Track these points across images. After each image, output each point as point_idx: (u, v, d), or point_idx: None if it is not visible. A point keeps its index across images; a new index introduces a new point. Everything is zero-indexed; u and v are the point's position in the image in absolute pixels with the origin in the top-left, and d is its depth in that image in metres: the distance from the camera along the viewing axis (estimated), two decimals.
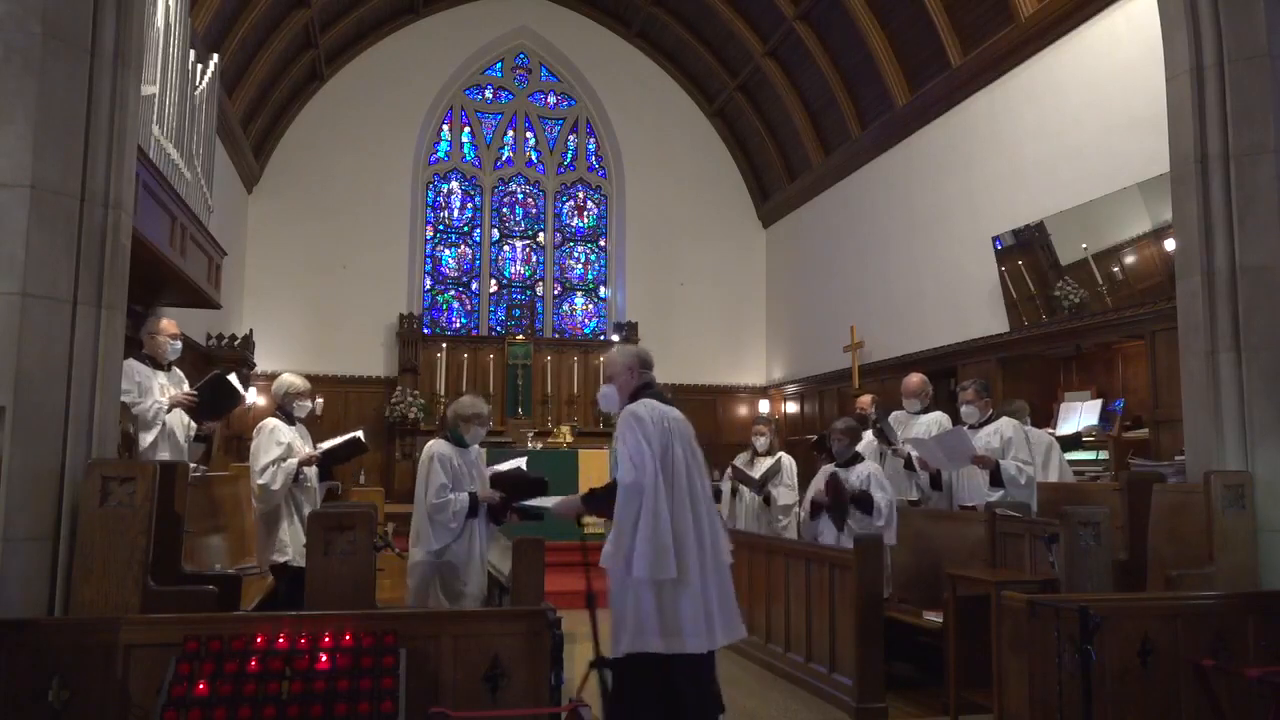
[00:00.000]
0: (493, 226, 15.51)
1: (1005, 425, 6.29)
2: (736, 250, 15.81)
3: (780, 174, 14.95)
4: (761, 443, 7.90)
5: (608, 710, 3.66)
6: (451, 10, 15.03)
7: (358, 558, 3.88)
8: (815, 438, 8.30)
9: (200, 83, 7.70)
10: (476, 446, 5.34)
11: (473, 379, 14.09)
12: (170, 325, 5.67)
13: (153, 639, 3.01)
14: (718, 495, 12.18)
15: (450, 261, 15.34)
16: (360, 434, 5.90)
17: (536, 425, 13.76)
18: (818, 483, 6.43)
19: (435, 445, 5.17)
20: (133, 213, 3.96)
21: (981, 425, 6.40)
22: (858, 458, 6.32)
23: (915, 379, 7.38)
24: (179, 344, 5.71)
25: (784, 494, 7.76)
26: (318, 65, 13.95)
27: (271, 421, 5.72)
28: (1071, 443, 8.03)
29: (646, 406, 3.79)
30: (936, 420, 7.13)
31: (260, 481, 5.51)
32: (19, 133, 3.41)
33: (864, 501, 5.95)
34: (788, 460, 7.95)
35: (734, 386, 15.63)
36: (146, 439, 5.22)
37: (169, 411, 5.36)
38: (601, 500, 3.82)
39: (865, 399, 8.17)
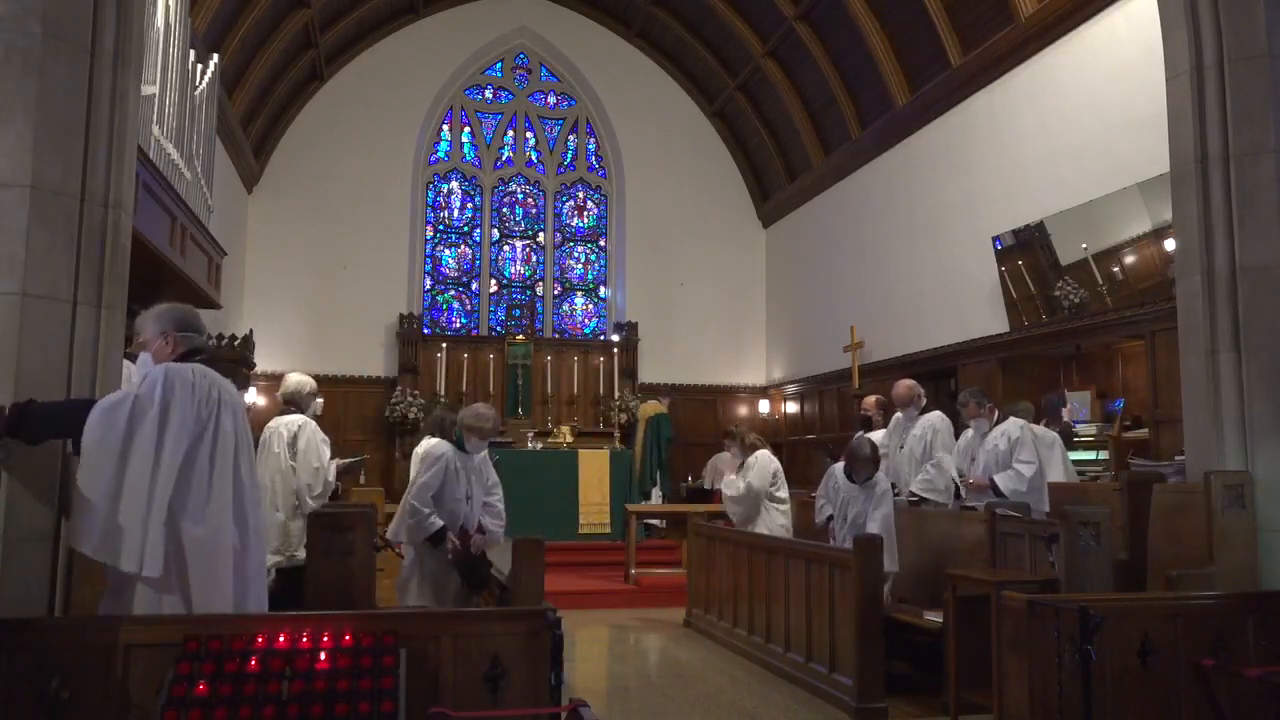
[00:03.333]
0: (493, 226, 15.51)
1: (1012, 427, 6.27)
2: (736, 250, 15.81)
3: (780, 174, 14.95)
4: (734, 453, 7.68)
5: None
6: (451, 10, 15.03)
7: (358, 558, 3.88)
8: (829, 446, 8.17)
9: (200, 83, 7.70)
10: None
11: (473, 379, 14.10)
12: None
13: (153, 639, 3.01)
14: (703, 495, 12.21)
15: (450, 261, 15.34)
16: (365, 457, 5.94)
17: (536, 425, 13.75)
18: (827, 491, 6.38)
19: (440, 446, 5.14)
20: (133, 213, 3.96)
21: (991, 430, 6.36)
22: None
23: (902, 387, 7.34)
24: None
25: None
26: (318, 65, 13.95)
27: (310, 421, 5.76)
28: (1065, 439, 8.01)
29: (197, 373, 3.18)
30: (932, 424, 7.08)
31: (330, 478, 5.60)
32: (19, 133, 3.41)
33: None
34: (764, 457, 7.85)
35: (734, 386, 15.63)
36: None
37: None
38: (40, 422, 3.06)
39: (870, 400, 8.16)
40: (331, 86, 14.46)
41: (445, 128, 15.43)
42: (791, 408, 14.80)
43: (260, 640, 2.92)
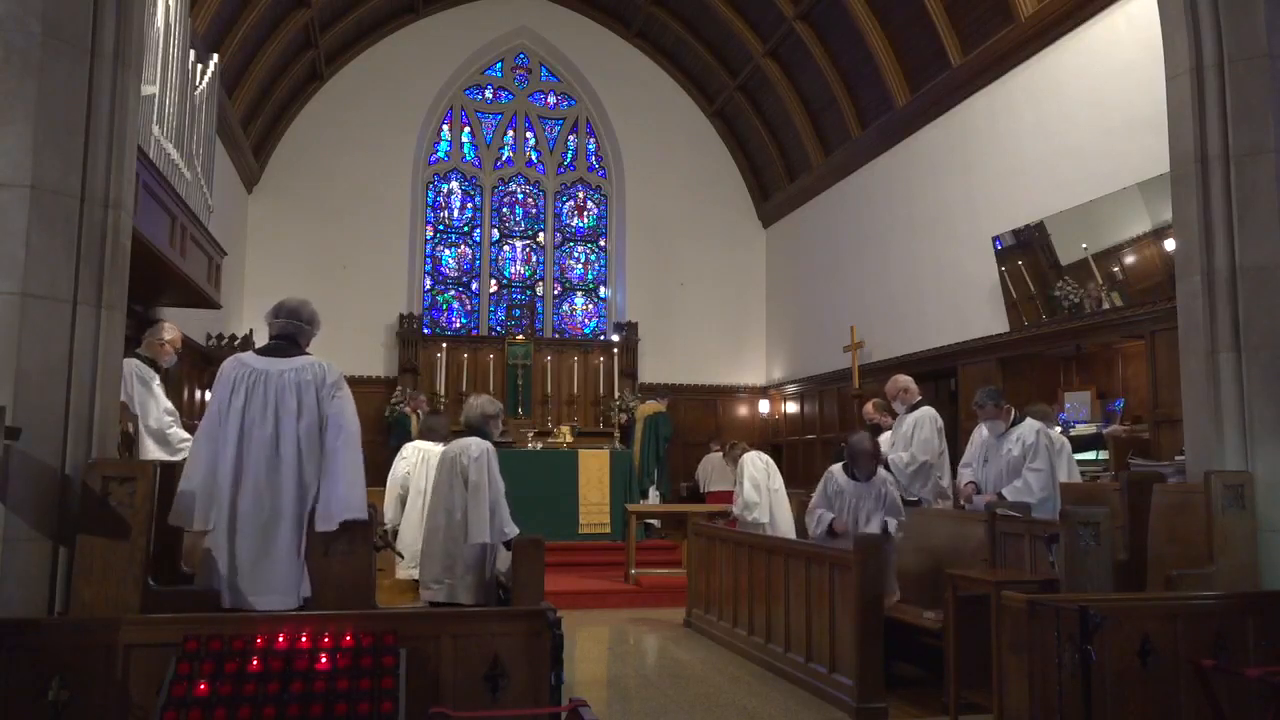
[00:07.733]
0: (493, 226, 15.51)
1: (1028, 431, 6.18)
2: (736, 250, 15.81)
3: (780, 174, 14.95)
4: (728, 465, 8.49)
5: None
6: (451, 10, 15.03)
7: (357, 558, 3.88)
8: (843, 447, 8.42)
9: (200, 83, 7.69)
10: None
11: (473, 379, 14.09)
12: (178, 338, 5.75)
13: (153, 639, 3.01)
14: (698, 497, 12.50)
15: (450, 261, 15.34)
16: None
17: (536, 425, 13.76)
18: (820, 500, 6.36)
19: (484, 442, 5.20)
20: (133, 213, 3.96)
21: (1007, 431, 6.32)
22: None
23: (891, 383, 7.45)
24: (176, 357, 5.79)
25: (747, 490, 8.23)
26: (318, 65, 13.95)
27: None
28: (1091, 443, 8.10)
29: (233, 360, 3.90)
30: (915, 419, 7.14)
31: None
32: (19, 133, 3.41)
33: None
34: (746, 459, 8.27)
35: (734, 386, 15.63)
36: (151, 450, 5.22)
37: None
38: None
39: (869, 406, 8.19)
40: (331, 86, 14.46)
41: (445, 128, 15.43)
42: (791, 408, 14.79)
43: (260, 640, 2.92)
